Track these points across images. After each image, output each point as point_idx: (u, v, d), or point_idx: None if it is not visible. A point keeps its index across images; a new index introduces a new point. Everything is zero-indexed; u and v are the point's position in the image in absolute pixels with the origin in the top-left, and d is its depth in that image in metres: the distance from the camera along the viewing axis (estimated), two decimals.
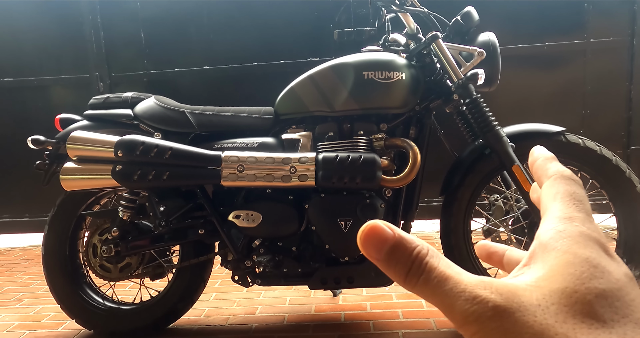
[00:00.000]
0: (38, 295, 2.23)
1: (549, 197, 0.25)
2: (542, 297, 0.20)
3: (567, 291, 0.19)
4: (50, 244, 1.73)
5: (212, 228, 1.55)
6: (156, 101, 1.65)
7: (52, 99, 3.09)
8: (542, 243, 0.22)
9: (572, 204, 0.24)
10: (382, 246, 0.22)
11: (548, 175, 0.26)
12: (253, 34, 2.89)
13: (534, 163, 0.28)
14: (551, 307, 0.19)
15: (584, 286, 0.19)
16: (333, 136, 1.52)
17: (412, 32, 1.60)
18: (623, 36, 2.72)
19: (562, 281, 0.20)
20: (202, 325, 1.78)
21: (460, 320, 0.20)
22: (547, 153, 0.28)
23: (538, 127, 1.56)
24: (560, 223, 0.22)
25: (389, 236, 0.22)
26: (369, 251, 0.22)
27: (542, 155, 0.28)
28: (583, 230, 0.22)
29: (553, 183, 0.25)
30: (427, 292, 0.21)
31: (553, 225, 0.23)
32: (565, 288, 0.20)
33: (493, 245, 0.32)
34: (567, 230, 0.22)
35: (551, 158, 0.27)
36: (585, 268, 0.20)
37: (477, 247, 0.33)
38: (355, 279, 1.50)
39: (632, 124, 2.75)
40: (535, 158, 0.28)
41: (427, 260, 0.21)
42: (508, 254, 0.31)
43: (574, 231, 0.22)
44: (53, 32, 3.00)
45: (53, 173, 1.64)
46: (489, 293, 0.20)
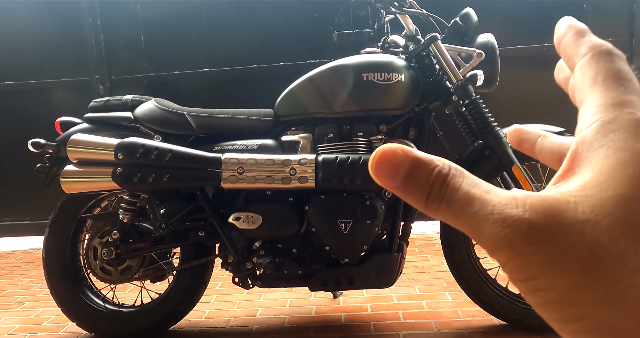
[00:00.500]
0: (39, 298, 2.23)
1: (587, 80, 0.20)
2: (590, 209, 0.16)
3: (624, 200, 0.16)
4: (51, 247, 1.73)
5: (213, 230, 1.55)
6: (156, 103, 1.65)
7: (53, 102, 3.10)
8: (587, 140, 0.18)
9: (620, 86, 0.19)
10: (397, 172, 0.19)
11: (582, 53, 0.21)
12: (253, 36, 2.89)
13: (561, 39, 0.22)
14: (603, 221, 0.16)
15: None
16: (333, 137, 1.52)
17: (411, 33, 1.60)
18: (622, 37, 2.72)
19: (617, 186, 0.16)
20: (202, 327, 1.78)
21: (491, 246, 0.17)
22: (578, 24, 0.22)
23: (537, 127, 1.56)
24: (608, 112, 0.18)
25: (403, 159, 0.19)
26: (383, 179, 0.19)
27: (572, 28, 0.22)
28: (638, 116, 0.18)
29: (590, 62, 0.20)
30: (451, 217, 0.18)
31: (598, 115, 0.18)
32: (621, 195, 0.16)
33: (526, 130, 0.27)
34: (618, 120, 0.18)
35: (584, 31, 0.22)
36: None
37: (509, 133, 0.28)
38: (355, 280, 1.50)
39: None
40: (563, 33, 0.22)
41: (449, 180, 0.18)
42: (541, 141, 0.26)
43: (628, 120, 0.17)
44: (53, 35, 3.01)
45: (53, 176, 1.64)
46: (522, 212, 0.17)
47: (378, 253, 1.51)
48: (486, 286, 1.55)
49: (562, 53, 0.22)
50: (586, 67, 0.20)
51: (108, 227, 1.63)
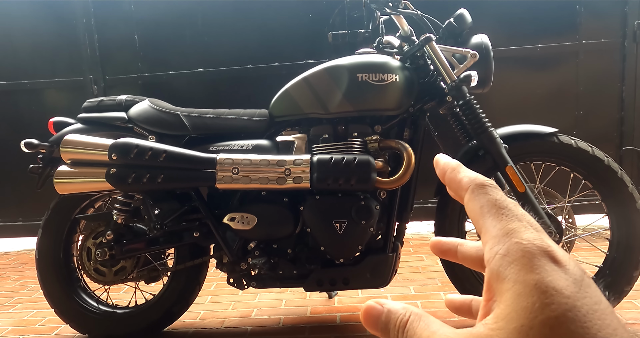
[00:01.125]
0: (32, 299, 2.21)
1: (476, 213, 0.24)
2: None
3: (523, 330, 0.19)
4: (44, 248, 1.72)
5: (207, 230, 1.55)
6: (150, 103, 1.65)
7: (46, 103, 3.08)
8: (493, 272, 0.22)
9: (501, 215, 0.23)
10: (377, 324, 0.24)
11: (463, 187, 0.25)
12: (248, 36, 2.89)
13: (443, 175, 0.27)
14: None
15: (537, 321, 0.19)
16: (327, 138, 1.52)
17: (406, 34, 1.61)
18: (615, 38, 2.74)
19: (517, 318, 0.19)
20: (197, 328, 1.78)
21: None
22: (452, 161, 0.27)
23: (531, 128, 1.57)
24: (500, 244, 0.22)
25: (379, 312, 0.25)
26: (370, 329, 0.25)
27: (448, 165, 0.27)
28: (524, 245, 0.21)
29: (472, 196, 0.24)
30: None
31: (494, 247, 0.22)
32: (521, 326, 0.19)
33: (444, 241, 0.32)
34: (510, 253, 0.21)
35: (457, 166, 0.27)
36: (535, 298, 0.19)
37: (430, 246, 0.32)
38: (350, 280, 1.51)
39: (625, 125, 2.77)
40: (443, 169, 0.27)
41: (408, 326, 0.23)
42: (460, 250, 0.30)
43: (517, 251, 0.21)
44: (47, 34, 2.99)
45: (47, 177, 1.63)
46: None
47: (373, 253, 1.51)
48: (481, 286, 1.55)
49: (449, 186, 0.27)
50: (471, 201, 0.24)
51: (102, 228, 1.62)
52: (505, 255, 0.21)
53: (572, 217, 1.57)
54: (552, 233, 1.44)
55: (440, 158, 0.28)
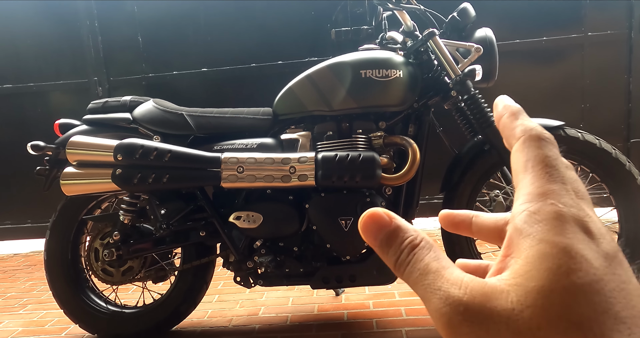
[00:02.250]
0: (41, 300, 2.23)
1: (519, 166, 0.22)
2: (517, 298, 0.18)
3: (543, 291, 0.18)
4: (52, 249, 1.73)
5: (213, 229, 1.55)
6: (155, 104, 1.65)
7: (51, 105, 3.10)
8: (517, 228, 0.20)
9: (545, 174, 0.21)
10: (379, 233, 0.22)
11: (516, 136, 0.23)
12: (251, 35, 2.89)
13: (499, 119, 0.25)
14: (526, 311, 0.18)
15: (560, 285, 0.18)
16: (332, 135, 1.52)
17: (409, 29, 1.60)
18: (621, 29, 2.71)
19: (539, 277, 0.18)
20: (205, 327, 1.78)
21: (435, 319, 0.20)
22: (513, 105, 0.25)
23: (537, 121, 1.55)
24: (533, 202, 0.20)
25: (385, 224, 0.22)
26: (367, 237, 0.23)
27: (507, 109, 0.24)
28: (559, 208, 0.20)
29: (522, 147, 0.22)
30: (411, 283, 0.21)
31: (525, 204, 0.20)
32: (541, 286, 0.18)
33: (457, 213, 0.29)
34: (541, 211, 0.20)
35: (518, 112, 0.24)
36: (562, 261, 0.18)
37: (439, 219, 0.30)
38: (357, 278, 1.50)
39: (632, 117, 2.75)
40: (500, 113, 0.25)
41: (417, 250, 0.21)
42: (476, 221, 0.28)
43: (549, 212, 0.20)
44: (50, 37, 3.00)
45: (53, 179, 1.64)
46: (462, 294, 0.19)
47: None
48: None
49: (502, 133, 0.25)
50: (519, 152, 0.22)
51: (109, 228, 1.63)
52: (535, 212, 0.20)
53: None
54: None
55: (502, 100, 0.25)
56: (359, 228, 0.23)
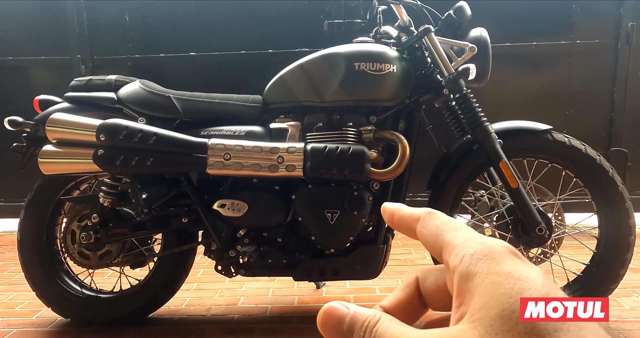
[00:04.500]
0: (12, 281, 2.16)
1: (433, 234, 0.25)
2: (484, 330, 0.19)
3: (505, 315, 0.19)
4: (27, 230, 1.67)
5: (196, 216, 1.52)
6: (141, 85, 1.60)
7: (31, 81, 2.99)
8: (462, 273, 0.22)
9: (459, 229, 0.24)
10: (340, 326, 0.23)
11: (414, 219, 0.26)
12: (242, 21, 2.84)
13: (394, 214, 0.28)
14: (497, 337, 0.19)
15: (518, 304, 0.19)
16: (322, 126, 1.50)
17: (405, 24, 1.59)
18: (608, 39, 2.76)
19: (497, 304, 0.20)
20: (182, 315, 1.76)
21: None
22: (396, 205, 0.28)
23: (526, 124, 1.57)
24: (466, 247, 0.22)
25: (342, 314, 0.23)
26: (328, 334, 0.23)
27: (395, 207, 0.28)
28: (490, 244, 0.22)
29: (426, 222, 0.26)
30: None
31: (462, 251, 0.22)
32: (502, 311, 0.19)
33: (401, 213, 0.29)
34: (478, 251, 0.22)
35: (403, 207, 0.28)
36: (513, 283, 0.20)
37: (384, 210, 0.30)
38: (340, 271, 1.50)
39: (614, 126, 2.81)
40: (391, 211, 0.28)
41: (377, 327, 0.22)
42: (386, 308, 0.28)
43: (485, 249, 0.22)
44: (32, 10, 2.89)
45: (31, 156, 1.58)
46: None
47: (364, 245, 1.50)
48: None
49: (399, 227, 0.28)
50: (426, 227, 0.26)
51: (87, 210, 1.59)
52: (474, 253, 0.22)
53: (561, 215, 1.58)
54: (542, 230, 1.45)
55: (388, 205, 0.29)
56: (318, 327, 0.24)
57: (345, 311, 0.23)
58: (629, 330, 1.53)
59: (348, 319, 0.23)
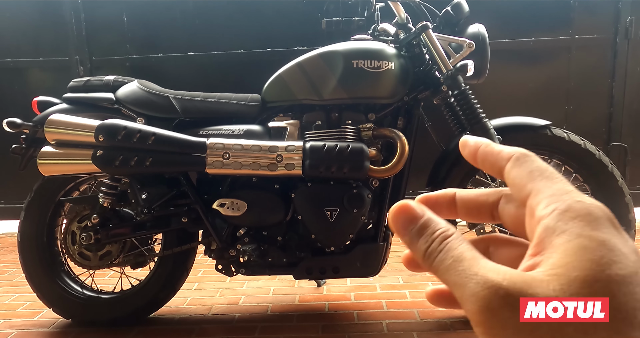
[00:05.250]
0: (13, 283, 2.17)
1: (523, 178, 0.23)
2: (559, 286, 0.19)
3: (587, 280, 0.18)
4: (27, 231, 1.67)
5: (196, 216, 1.52)
6: (139, 85, 1.60)
7: (30, 82, 2.99)
8: (549, 226, 0.21)
9: (555, 179, 0.22)
10: (410, 225, 0.23)
11: (504, 157, 0.24)
12: (240, 20, 2.83)
13: (477, 150, 0.26)
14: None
15: (604, 274, 0.18)
16: (321, 125, 1.50)
17: (402, 21, 1.58)
18: (607, 34, 2.75)
19: (581, 268, 0.19)
20: (184, 315, 1.76)
21: (470, 304, 0.19)
22: (483, 139, 0.26)
23: (524, 120, 1.57)
24: (559, 202, 0.21)
25: (417, 215, 0.23)
26: (398, 227, 0.23)
27: (482, 141, 0.26)
28: (588, 205, 0.20)
29: (517, 164, 0.24)
30: (442, 270, 0.21)
31: (553, 205, 0.21)
32: (585, 276, 0.18)
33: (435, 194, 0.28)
34: (572, 209, 0.20)
35: (490, 142, 0.26)
36: (603, 253, 0.19)
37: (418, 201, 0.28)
38: (340, 269, 1.50)
39: (613, 121, 2.80)
40: (475, 146, 0.26)
41: (449, 240, 0.22)
42: (461, 197, 0.27)
43: (581, 209, 0.20)
44: (30, 12, 2.89)
45: (30, 158, 1.58)
46: (502, 279, 0.19)
47: (364, 242, 1.50)
48: None
49: (483, 160, 0.26)
50: (516, 168, 0.24)
51: (87, 211, 1.59)
52: (567, 210, 0.20)
53: None
54: None
55: (468, 138, 0.27)
56: (388, 218, 0.24)
57: (420, 213, 0.23)
58: None
59: (422, 221, 0.23)
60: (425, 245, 0.22)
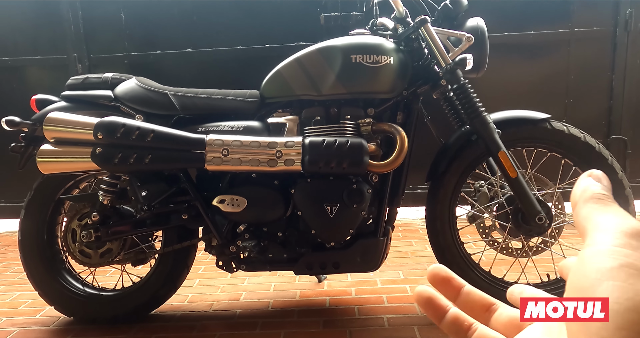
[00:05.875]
0: (15, 281, 2.17)
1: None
2: None
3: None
4: (27, 229, 1.67)
5: (196, 212, 1.52)
6: (137, 82, 1.60)
7: (28, 81, 2.98)
8: None
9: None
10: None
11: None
12: (238, 16, 2.82)
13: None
14: None
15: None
16: (320, 120, 1.50)
17: (401, 16, 1.57)
18: (606, 26, 2.74)
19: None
20: (185, 311, 1.76)
21: None
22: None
23: (524, 114, 1.56)
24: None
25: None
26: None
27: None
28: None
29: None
30: None
31: None
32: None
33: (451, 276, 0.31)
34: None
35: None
36: None
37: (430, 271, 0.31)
38: (341, 264, 1.50)
39: (613, 114, 2.80)
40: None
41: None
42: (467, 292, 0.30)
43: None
44: (28, 10, 2.88)
45: (29, 156, 1.58)
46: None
47: (364, 237, 1.51)
48: (470, 271, 1.56)
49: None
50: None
51: (87, 209, 1.59)
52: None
53: (561, 203, 1.58)
54: (542, 219, 1.44)
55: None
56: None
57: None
58: None
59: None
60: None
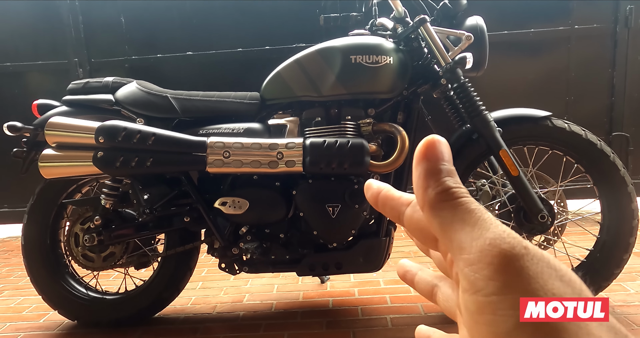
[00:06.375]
0: (19, 286, 2.18)
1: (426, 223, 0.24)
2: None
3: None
4: (30, 234, 1.68)
5: (198, 215, 1.52)
6: (138, 85, 1.60)
7: (29, 86, 3.00)
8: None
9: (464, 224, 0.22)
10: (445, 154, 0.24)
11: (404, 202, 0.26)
12: (238, 19, 2.83)
13: (379, 194, 0.27)
14: None
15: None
16: (320, 121, 1.50)
17: (400, 15, 1.57)
18: (606, 23, 2.74)
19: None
20: (189, 314, 1.76)
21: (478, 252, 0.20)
22: (385, 184, 0.27)
23: (525, 112, 1.56)
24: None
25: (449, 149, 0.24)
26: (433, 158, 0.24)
27: (383, 186, 0.27)
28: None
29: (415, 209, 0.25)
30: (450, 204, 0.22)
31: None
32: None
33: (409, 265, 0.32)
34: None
35: (392, 189, 0.27)
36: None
37: (398, 265, 0.33)
38: (343, 265, 1.50)
39: (614, 111, 2.79)
40: (378, 189, 0.27)
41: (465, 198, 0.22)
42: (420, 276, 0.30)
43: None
44: (28, 16, 2.89)
45: (31, 161, 1.59)
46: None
47: (366, 238, 1.50)
48: None
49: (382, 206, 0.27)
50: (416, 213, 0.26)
51: (90, 213, 1.59)
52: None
53: (563, 201, 1.58)
54: (544, 217, 1.44)
55: (373, 182, 0.28)
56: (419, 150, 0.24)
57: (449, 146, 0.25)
58: (634, 314, 1.52)
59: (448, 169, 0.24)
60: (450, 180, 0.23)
